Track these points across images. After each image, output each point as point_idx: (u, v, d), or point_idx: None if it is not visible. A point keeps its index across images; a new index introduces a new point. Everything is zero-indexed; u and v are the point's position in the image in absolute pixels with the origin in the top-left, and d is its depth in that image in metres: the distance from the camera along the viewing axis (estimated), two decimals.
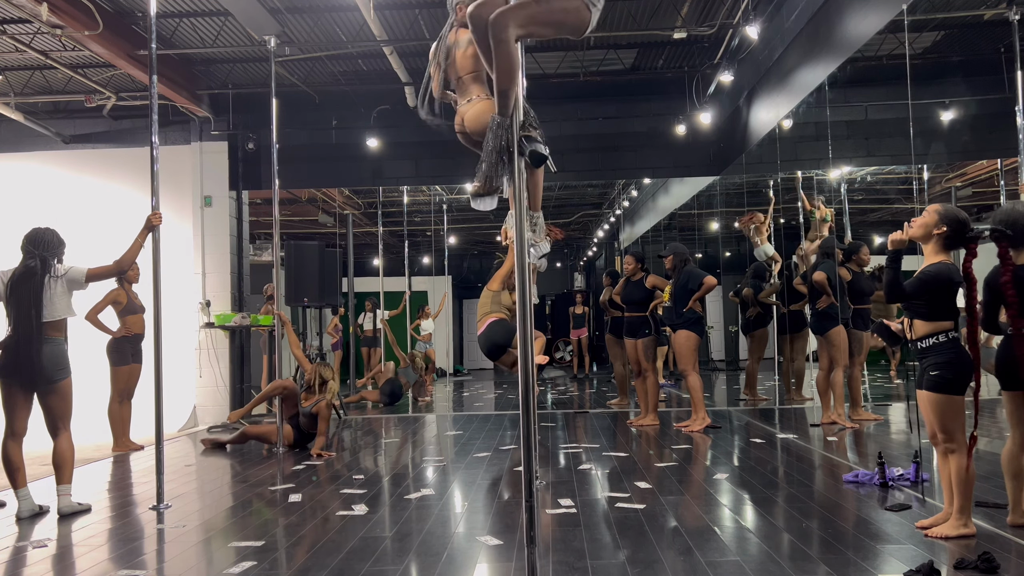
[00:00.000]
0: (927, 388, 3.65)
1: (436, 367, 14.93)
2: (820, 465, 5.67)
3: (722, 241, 12.81)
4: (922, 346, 3.68)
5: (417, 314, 13.30)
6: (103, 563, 3.74)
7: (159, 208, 5.05)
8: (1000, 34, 7.31)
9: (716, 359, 16.22)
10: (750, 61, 8.29)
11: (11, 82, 9.03)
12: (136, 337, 7.37)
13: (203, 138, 9.81)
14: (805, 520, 4.08)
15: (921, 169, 9.49)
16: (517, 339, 6.92)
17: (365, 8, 6.89)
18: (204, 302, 9.39)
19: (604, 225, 17.40)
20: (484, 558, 3.60)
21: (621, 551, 3.60)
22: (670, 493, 4.77)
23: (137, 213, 5.43)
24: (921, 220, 3.76)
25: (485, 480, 5.34)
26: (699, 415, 7.38)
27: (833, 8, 6.18)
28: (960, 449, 3.61)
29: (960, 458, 3.60)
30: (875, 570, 3.26)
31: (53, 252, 4.81)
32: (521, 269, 2.86)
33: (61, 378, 4.71)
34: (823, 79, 6.54)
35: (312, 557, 3.65)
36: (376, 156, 9.91)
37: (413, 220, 14.45)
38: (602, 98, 9.80)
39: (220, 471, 6.25)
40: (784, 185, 10.01)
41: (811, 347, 8.81)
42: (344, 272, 10.38)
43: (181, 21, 7.78)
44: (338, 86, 9.61)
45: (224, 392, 9.18)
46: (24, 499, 4.69)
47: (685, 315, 7.34)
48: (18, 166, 9.80)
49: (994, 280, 3.66)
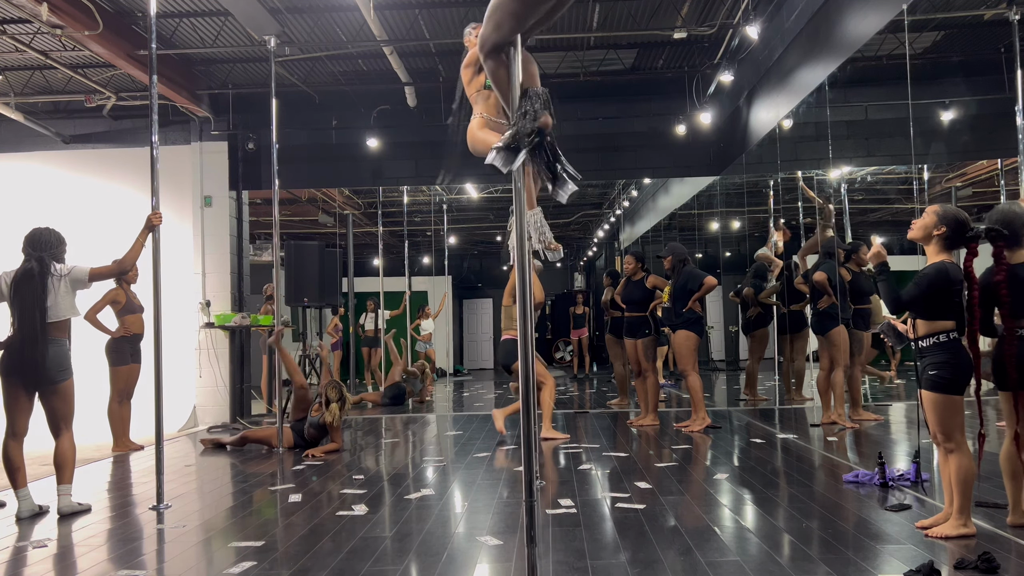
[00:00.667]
0: (926, 388, 3.65)
1: (436, 367, 14.94)
2: (820, 465, 5.67)
3: (722, 241, 12.81)
4: (922, 345, 3.68)
5: (417, 314, 13.31)
6: (103, 563, 3.74)
7: (159, 208, 5.05)
8: (1000, 34, 7.32)
9: (716, 359, 16.23)
10: (750, 61, 8.29)
11: (11, 82, 9.03)
12: (135, 337, 7.37)
13: (203, 138, 9.81)
14: (805, 520, 4.08)
15: (921, 169, 9.49)
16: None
17: (365, 8, 6.89)
18: (204, 302, 9.39)
19: (604, 225, 17.41)
20: (484, 558, 3.60)
21: (621, 551, 3.60)
22: (670, 493, 4.77)
23: (137, 213, 5.43)
24: (920, 222, 3.76)
25: (485, 480, 5.34)
26: (699, 415, 7.39)
27: (833, 8, 6.18)
28: (959, 449, 3.61)
29: (959, 458, 3.60)
30: (875, 570, 3.26)
31: (52, 252, 4.81)
32: (521, 269, 2.85)
33: (63, 379, 4.72)
34: (823, 79, 6.53)
35: (312, 557, 3.65)
36: (376, 156, 9.91)
37: (413, 220, 14.46)
38: (602, 98, 9.80)
39: (220, 471, 6.24)
40: (784, 185, 10.02)
41: (811, 347, 8.82)
42: (344, 272, 10.38)
43: (181, 21, 7.78)
44: (338, 86, 9.61)
45: (224, 392, 9.18)
46: (24, 499, 4.69)
47: (685, 315, 7.35)
48: (18, 166, 9.80)
49: (988, 280, 3.66)
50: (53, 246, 4.83)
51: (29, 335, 4.59)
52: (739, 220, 12.33)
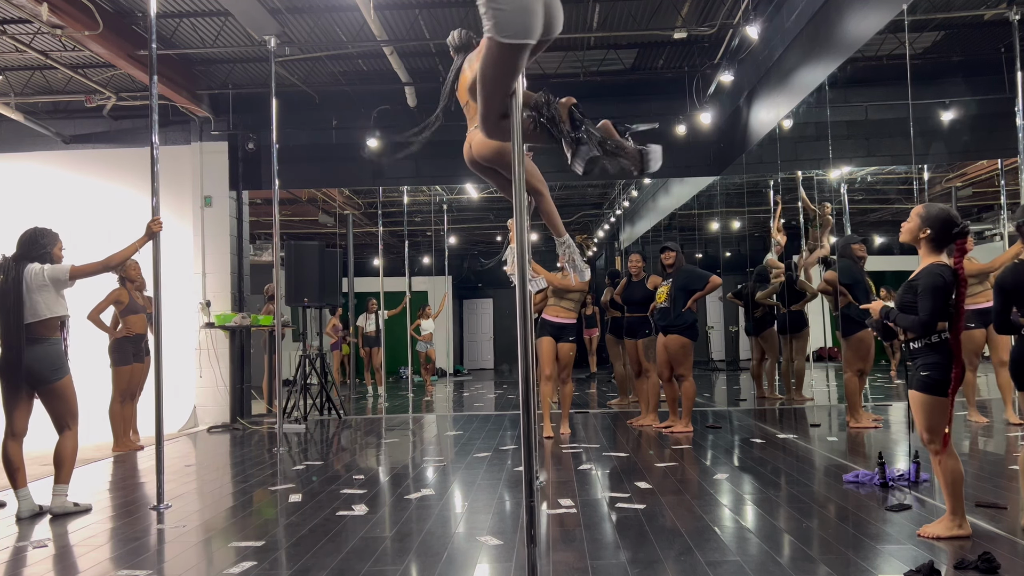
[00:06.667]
0: (916, 388, 3.64)
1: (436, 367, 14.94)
2: (820, 465, 5.67)
3: (722, 241, 12.82)
4: (914, 346, 3.68)
5: (417, 314, 13.31)
6: (103, 563, 3.74)
7: (160, 208, 5.04)
8: (1000, 34, 7.32)
9: (716, 359, 16.22)
10: (750, 61, 8.30)
11: (11, 82, 9.03)
12: (137, 337, 7.36)
13: (203, 138, 9.81)
14: (805, 520, 4.08)
15: (921, 169, 9.49)
16: (543, 344, 7.44)
17: (365, 8, 6.89)
18: (204, 302, 9.39)
19: (604, 225, 17.42)
20: (484, 558, 3.60)
21: (621, 551, 3.60)
22: (670, 493, 4.77)
23: (137, 213, 5.44)
24: (906, 226, 3.75)
25: (485, 480, 5.34)
26: (685, 420, 7.30)
27: (833, 8, 6.18)
28: (944, 450, 3.61)
29: (945, 459, 3.60)
30: (875, 570, 3.26)
31: (29, 252, 4.77)
32: (521, 272, 2.85)
33: (57, 378, 4.70)
34: (823, 79, 6.53)
35: (312, 557, 3.65)
36: (376, 156, 9.91)
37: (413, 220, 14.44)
38: (602, 98, 9.80)
39: (220, 471, 6.25)
40: (784, 185, 10.02)
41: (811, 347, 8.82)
42: (344, 272, 10.38)
43: (181, 21, 7.78)
44: (338, 86, 9.61)
45: (224, 392, 9.18)
46: (24, 499, 4.69)
47: (682, 316, 7.22)
48: (18, 166, 9.80)
49: (1007, 280, 3.64)
50: (31, 246, 4.78)
51: (5, 337, 4.60)
52: (739, 220, 12.33)
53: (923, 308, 3.57)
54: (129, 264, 7.12)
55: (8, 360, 4.62)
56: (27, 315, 4.63)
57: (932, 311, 3.56)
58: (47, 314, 4.70)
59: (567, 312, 7.29)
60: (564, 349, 7.28)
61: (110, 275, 6.45)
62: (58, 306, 4.76)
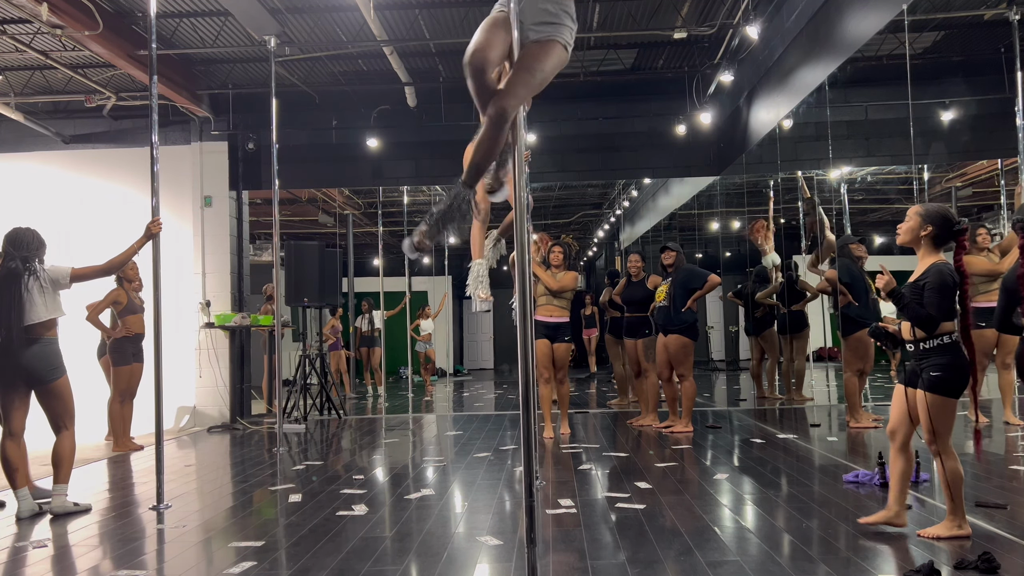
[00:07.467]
0: (926, 389, 3.63)
1: (436, 367, 14.95)
2: (820, 465, 5.67)
3: (722, 241, 12.82)
4: (924, 347, 3.66)
5: (416, 314, 13.31)
6: (103, 563, 3.74)
7: (160, 208, 5.04)
8: (1000, 34, 7.32)
9: (716, 359, 16.21)
10: (750, 61, 8.29)
11: (11, 82, 9.03)
12: (137, 337, 7.36)
13: (203, 138, 9.81)
14: (805, 520, 4.08)
15: (921, 169, 9.50)
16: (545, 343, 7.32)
17: (365, 8, 6.89)
18: (204, 302, 9.39)
19: (604, 225, 17.41)
20: (484, 558, 3.60)
21: (621, 551, 3.60)
22: (670, 493, 4.77)
23: (137, 213, 5.44)
24: (905, 225, 3.75)
25: (485, 480, 5.34)
26: (685, 420, 7.30)
27: (833, 8, 6.18)
28: (945, 452, 3.60)
29: (946, 460, 3.60)
30: (875, 570, 3.26)
31: (34, 253, 4.77)
32: (522, 271, 2.85)
33: (55, 378, 4.70)
34: (823, 79, 6.53)
35: (312, 557, 3.65)
36: (376, 156, 9.91)
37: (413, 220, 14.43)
38: (602, 98, 9.80)
39: (220, 471, 6.25)
40: (784, 185, 10.02)
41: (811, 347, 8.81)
42: (344, 272, 10.38)
43: (181, 21, 7.78)
44: (338, 86, 9.61)
45: (224, 392, 9.18)
46: (24, 499, 4.69)
47: (682, 316, 7.21)
48: (18, 166, 9.80)
49: (1010, 280, 3.64)
50: (34, 247, 4.79)
51: (7, 337, 4.60)
52: (739, 220, 12.33)
53: (932, 304, 3.57)
54: (127, 264, 7.12)
55: (6, 360, 4.62)
56: (28, 316, 4.64)
57: (941, 307, 3.56)
58: (47, 315, 4.71)
59: (560, 310, 7.23)
60: (560, 350, 7.26)
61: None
62: (57, 307, 4.78)
